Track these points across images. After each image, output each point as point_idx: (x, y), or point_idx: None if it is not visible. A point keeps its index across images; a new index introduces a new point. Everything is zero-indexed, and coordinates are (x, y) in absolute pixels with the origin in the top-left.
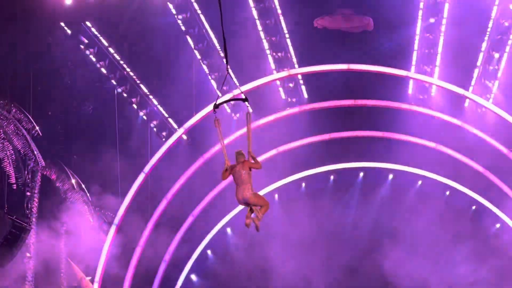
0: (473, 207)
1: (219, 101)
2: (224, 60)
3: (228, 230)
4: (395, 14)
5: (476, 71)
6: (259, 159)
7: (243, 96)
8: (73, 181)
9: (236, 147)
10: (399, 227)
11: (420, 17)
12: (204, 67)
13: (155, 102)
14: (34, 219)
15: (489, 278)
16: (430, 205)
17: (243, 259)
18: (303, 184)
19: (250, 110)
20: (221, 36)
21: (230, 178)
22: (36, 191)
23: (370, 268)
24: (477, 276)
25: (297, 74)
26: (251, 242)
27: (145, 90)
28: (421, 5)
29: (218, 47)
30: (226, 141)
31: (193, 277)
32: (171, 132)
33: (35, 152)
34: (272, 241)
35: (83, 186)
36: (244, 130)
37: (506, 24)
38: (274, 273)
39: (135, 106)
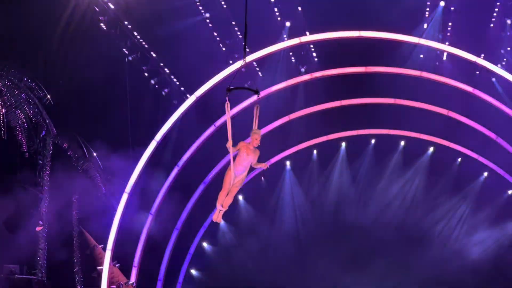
0: (485, 174)
1: (232, 87)
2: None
3: (240, 197)
4: None
5: (488, 38)
6: (272, 126)
7: (255, 89)
8: (85, 149)
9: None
10: (410, 192)
11: None
12: (215, 34)
13: (167, 70)
14: (46, 187)
15: (497, 240)
16: (442, 172)
17: (254, 227)
18: (315, 151)
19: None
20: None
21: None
22: (48, 160)
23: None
24: (485, 238)
25: (308, 41)
26: (263, 209)
27: (156, 58)
28: None
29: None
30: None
31: (205, 244)
32: (182, 100)
33: (47, 121)
34: (284, 208)
35: (95, 154)
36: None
37: None
38: (286, 241)
39: (146, 74)
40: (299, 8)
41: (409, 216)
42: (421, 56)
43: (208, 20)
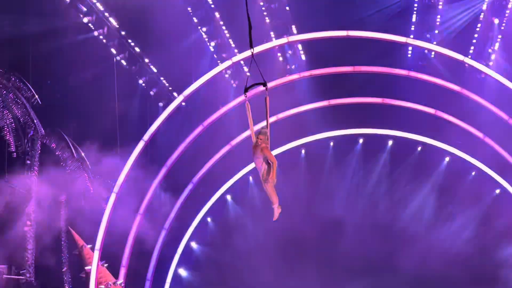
0: (473, 173)
1: (248, 85)
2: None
3: (228, 197)
4: None
5: (476, 37)
6: (259, 125)
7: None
8: (73, 149)
9: (235, 115)
10: (398, 192)
11: None
12: (203, 34)
13: (154, 69)
14: (34, 188)
15: (486, 239)
16: (430, 171)
17: (242, 226)
18: (303, 151)
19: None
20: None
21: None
22: (36, 160)
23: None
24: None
25: (297, 41)
26: (251, 208)
27: (144, 58)
28: None
29: (217, 15)
30: (224, 108)
31: (193, 244)
32: (170, 99)
33: (35, 121)
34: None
35: (83, 154)
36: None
37: None
38: (274, 241)
39: (134, 73)
40: (287, 8)
41: (397, 215)
42: (409, 55)
43: (196, 20)
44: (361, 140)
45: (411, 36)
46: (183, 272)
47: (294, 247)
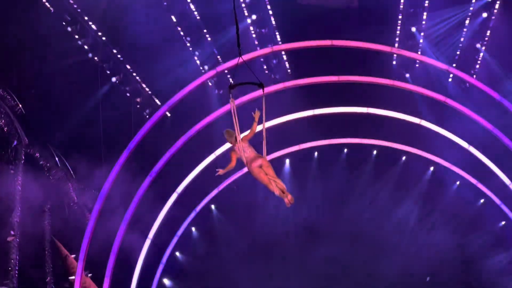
0: (457, 183)
1: (234, 83)
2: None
3: (212, 207)
4: None
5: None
6: (242, 135)
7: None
8: (57, 158)
9: (220, 124)
10: (382, 201)
11: None
12: (188, 44)
13: (138, 79)
14: (17, 197)
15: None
16: (414, 180)
17: (226, 236)
18: (287, 161)
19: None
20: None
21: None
22: (20, 169)
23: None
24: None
25: (281, 50)
26: (235, 218)
27: (128, 67)
28: None
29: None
30: (209, 117)
31: (177, 253)
32: (154, 109)
33: (19, 130)
34: (257, 217)
35: (67, 164)
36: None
37: None
38: (258, 250)
39: (118, 83)
40: (272, 18)
41: (380, 224)
42: (394, 64)
43: (179, 29)
44: (345, 150)
45: (396, 46)
46: (167, 281)
47: (277, 256)
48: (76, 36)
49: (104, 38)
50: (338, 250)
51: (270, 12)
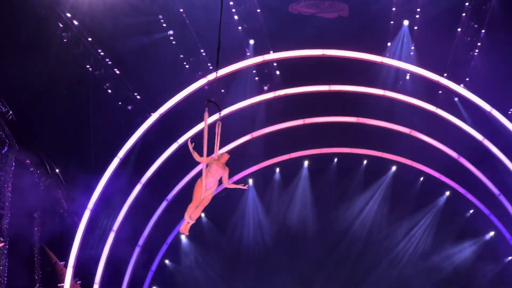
0: (447, 193)
1: (211, 99)
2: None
3: (202, 215)
4: None
5: (450, 57)
6: (234, 144)
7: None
8: (47, 166)
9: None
10: (372, 210)
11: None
12: (180, 52)
13: (130, 87)
14: (7, 204)
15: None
16: (404, 191)
17: (216, 244)
18: (278, 169)
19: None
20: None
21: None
22: (9, 176)
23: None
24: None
25: (272, 59)
26: (225, 226)
27: (120, 75)
28: None
29: (194, 34)
30: (198, 127)
31: (167, 261)
32: (145, 117)
33: (9, 137)
34: (246, 226)
35: (57, 170)
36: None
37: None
38: (248, 258)
39: (109, 90)
40: (263, 27)
41: (372, 235)
42: (385, 75)
43: (171, 38)
44: (335, 159)
45: (387, 55)
46: None
47: (265, 263)
48: (65, 41)
49: (100, 51)
50: (327, 258)
51: (262, 20)
